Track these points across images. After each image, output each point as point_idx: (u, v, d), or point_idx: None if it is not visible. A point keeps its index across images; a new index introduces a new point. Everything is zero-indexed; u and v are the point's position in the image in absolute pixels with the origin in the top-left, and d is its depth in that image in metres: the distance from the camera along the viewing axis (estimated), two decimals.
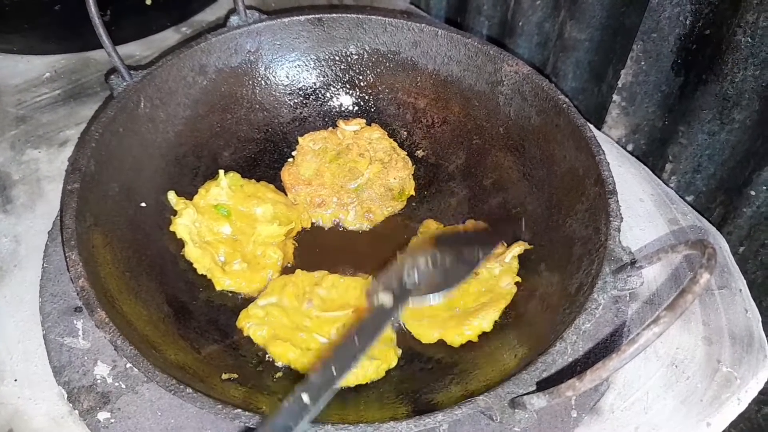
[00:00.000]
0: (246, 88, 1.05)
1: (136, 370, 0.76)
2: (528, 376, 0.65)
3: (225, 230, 0.92)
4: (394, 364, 0.81)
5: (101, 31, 0.89)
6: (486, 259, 0.85)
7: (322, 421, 0.64)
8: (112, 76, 0.92)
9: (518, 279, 0.88)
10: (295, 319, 0.84)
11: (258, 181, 1.00)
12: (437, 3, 1.48)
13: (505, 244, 0.91)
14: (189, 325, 0.83)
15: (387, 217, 1.00)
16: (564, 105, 0.90)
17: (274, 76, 1.07)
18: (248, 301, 0.87)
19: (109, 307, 0.71)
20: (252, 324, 0.83)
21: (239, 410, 0.63)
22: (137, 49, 1.25)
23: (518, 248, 0.90)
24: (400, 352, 0.83)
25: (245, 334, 0.83)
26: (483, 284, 0.89)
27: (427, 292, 0.76)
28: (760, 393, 0.82)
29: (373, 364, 0.79)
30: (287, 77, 1.08)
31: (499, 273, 0.89)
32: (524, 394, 0.62)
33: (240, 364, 0.80)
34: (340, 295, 0.88)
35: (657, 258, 0.68)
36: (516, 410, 0.62)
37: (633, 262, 0.72)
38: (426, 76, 1.06)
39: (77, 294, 0.70)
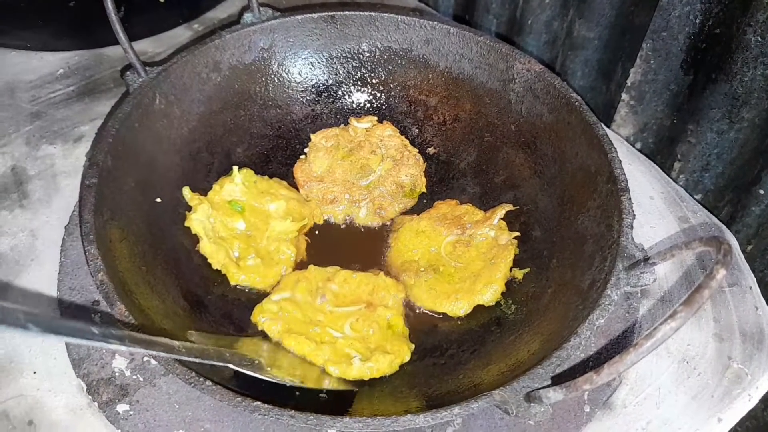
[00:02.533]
0: (259, 85, 1.06)
1: (153, 363, 0.77)
2: (543, 371, 0.66)
3: (239, 226, 0.93)
4: (407, 358, 0.82)
5: (118, 27, 0.89)
6: None
7: (339, 414, 0.65)
8: (128, 72, 0.92)
9: (515, 233, 0.93)
10: (308, 314, 0.85)
11: (271, 177, 1.01)
12: (445, 1, 1.48)
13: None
14: (204, 319, 0.83)
15: (398, 213, 1.01)
16: (576, 103, 0.91)
17: (287, 73, 1.08)
18: (262, 295, 0.88)
19: (128, 300, 0.72)
20: (266, 319, 0.84)
21: (258, 402, 0.63)
22: (149, 46, 1.25)
23: (502, 210, 0.95)
24: (413, 346, 0.84)
25: (260, 328, 0.84)
26: (484, 247, 0.93)
27: None
28: None
29: (387, 358, 0.80)
30: (300, 74, 1.09)
31: (494, 234, 0.94)
32: (540, 388, 0.63)
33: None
34: (352, 290, 0.89)
35: (671, 254, 0.69)
36: (532, 404, 0.63)
37: (646, 259, 0.73)
38: (437, 73, 1.07)
39: (97, 288, 0.70)
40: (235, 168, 0.97)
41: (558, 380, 0.64)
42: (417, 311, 0.89)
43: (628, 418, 0.78)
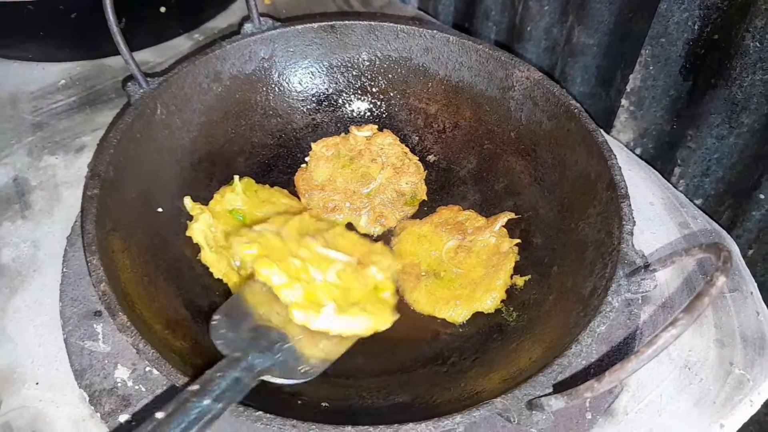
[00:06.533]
0: (260, 95, 1.06)
1: (155, 373, 0.78)
2: (545, 378, 0.66)
3: None
4: (385, 327, 0.81)
5: (119, 39, 0.90)
6: None
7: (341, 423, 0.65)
8: (129, 83, 0.93)
9: (516, 241, 0.93)
10: (291, 247, 0.79)
11: (272, 186, 1.01)
12: (445, 9, 1.49)
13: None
14: (205, 328, 0.83)
15: (399, 221, 1.01)
16: (576, 110, 0.91)
17: (287, 83, 1.08)
18: None
19: (129, 310, 0.72)
20: (241, 241, 0.79)
21: (260, 412, 0.63)
22: (151, 56, 1.26)
23: (504, 217, 0.95)
24: (397, 317, 0.83)
25: (232, 251, 0.80)
26: (485, 254, 0.93)
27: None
28: None
29: (362, 318, 0.78)
30: (300, 84, 1.09)
31: (495, 241, 0.94)
32: (542, 396, 0.63)
33: None
34: (347, 245, 0.87)
35: (671, 261, 0.69)
36: (533, 412, 0.63)
37: (646, 266, 0.73)
38: (437, 81, 1.07)
39: (99, 298, 0.71)
40: (236, 177, 0.97)
41: (560, 387, 0.64)
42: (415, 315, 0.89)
43: (630, 425, 0.78)
